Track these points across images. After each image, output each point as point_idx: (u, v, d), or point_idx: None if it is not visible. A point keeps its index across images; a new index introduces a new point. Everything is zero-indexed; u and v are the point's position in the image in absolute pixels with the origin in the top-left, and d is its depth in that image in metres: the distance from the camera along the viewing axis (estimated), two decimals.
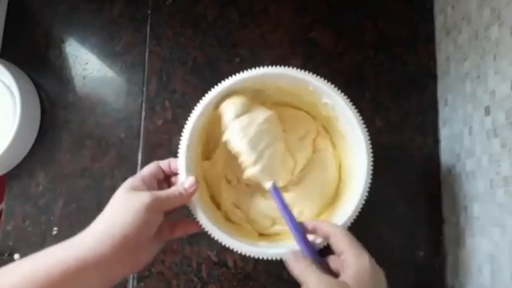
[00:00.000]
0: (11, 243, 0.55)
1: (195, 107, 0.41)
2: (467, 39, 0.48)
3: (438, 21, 0.57)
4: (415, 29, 0.58)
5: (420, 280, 0.52)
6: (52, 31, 0.60)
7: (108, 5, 0.60)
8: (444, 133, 0.55)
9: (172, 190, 0.38)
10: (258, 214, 0.45)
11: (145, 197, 0.35)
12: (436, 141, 0.55)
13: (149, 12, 0.59)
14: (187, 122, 0.41)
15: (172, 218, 0.41)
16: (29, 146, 0.57)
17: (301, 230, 0.38)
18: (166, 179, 0.42)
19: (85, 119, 0.58)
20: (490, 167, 0.44)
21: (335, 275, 0.34)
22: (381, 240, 0.53)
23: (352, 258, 0.33)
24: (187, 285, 0.53)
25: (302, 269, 0.34)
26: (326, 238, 0.37)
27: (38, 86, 0.59)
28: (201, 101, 0.41)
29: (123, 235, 0.33)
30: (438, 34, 0.57)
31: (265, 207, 0.45)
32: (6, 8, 0.61)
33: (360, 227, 0.40)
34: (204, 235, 0.39)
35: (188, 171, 0.40)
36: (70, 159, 0.57)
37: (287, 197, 0.44)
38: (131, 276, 0.53)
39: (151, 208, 0.35)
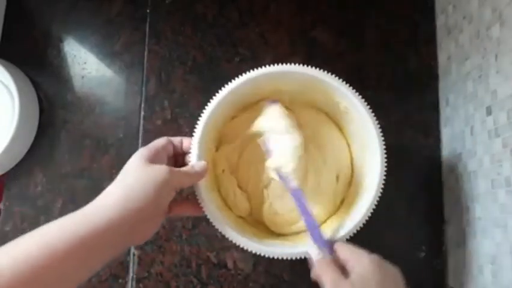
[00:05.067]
0: None
1: (218, 93, 0.41)
2: (469, 38, 0.48)
3: (440, 20, 0.56)
4: (416, 28, 0.57)
5: (421, 281, 0.52)
6: (51, 30, 0.60)
7: (107, 4, 0.60)
8: (445, 133, 0.54)
9: (188, 168, 0.38)
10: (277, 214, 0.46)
11: (164, 173, 0.34)
12: (437, 141, 0.55)
13: (148, 11, 0.59)
14: (207, 106, 0.40)
15: None
16: (28, 146, 0.57)
17: (319, 230, 0.38)
18: (174, 156, 0.41)
19: (84, 118, 0.57)
20: (491, 167, 0.43)
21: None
22: (382, 241, 0.52)
23: (352, 263, 0.34)
24: (187, 287, 0.52)
25: (324, 268, 0.35)
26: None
27: (36, 86, 0.58)
28: (224, 87, 0.41)
29: (138, 208, 0.32)
30: (440, 33, 0.56)
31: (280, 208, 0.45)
32: (4, 7, 0.60)
33: (361, 228, 0.40)
34: (203, 236, 0.39)
35: (200, 155, 0.40)
36: (68, 159, 0.57)
37: None
38: (130, 277, 0.53)
39: (169, 184, 0.34)
